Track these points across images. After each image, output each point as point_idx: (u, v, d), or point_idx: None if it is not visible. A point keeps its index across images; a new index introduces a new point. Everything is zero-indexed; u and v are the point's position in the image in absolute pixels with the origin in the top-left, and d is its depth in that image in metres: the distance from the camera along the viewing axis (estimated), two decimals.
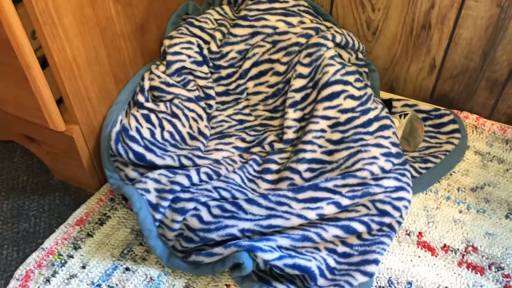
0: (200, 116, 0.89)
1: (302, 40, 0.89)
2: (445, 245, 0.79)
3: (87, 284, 0.75)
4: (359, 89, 0.85)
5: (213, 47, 0.93)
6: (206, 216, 0.74)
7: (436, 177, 0.88)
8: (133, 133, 0.83)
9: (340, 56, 0.91)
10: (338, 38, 0.89)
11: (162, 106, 0.88)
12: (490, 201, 0.85)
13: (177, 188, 0.77)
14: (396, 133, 0.85)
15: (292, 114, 0.87)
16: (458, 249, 0.78)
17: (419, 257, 0.78)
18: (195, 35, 0.94)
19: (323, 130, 0.84)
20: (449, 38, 0.91)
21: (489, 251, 0.78)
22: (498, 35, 0.86)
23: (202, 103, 0.91)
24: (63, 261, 0.78)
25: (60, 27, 0.69)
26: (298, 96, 0.87)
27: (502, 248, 0.78)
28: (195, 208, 0.75)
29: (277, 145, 0.86)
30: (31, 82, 0.71)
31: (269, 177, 0.83)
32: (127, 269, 0.77)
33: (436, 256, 0.78)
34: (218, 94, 0.95)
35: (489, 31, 0.87)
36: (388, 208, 0.76)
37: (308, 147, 0.83)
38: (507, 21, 0.84)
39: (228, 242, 0.72)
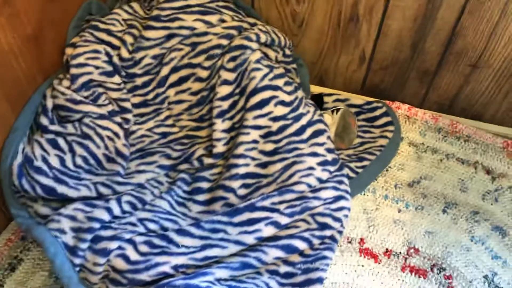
0: (116, 134, 0.80)
1: (224, 42, 0.81)
2: (387, 250, 0.77)
3: None
4: (289, 93, 0.79)
5: (124, 54, 0.83)
6: (133, 255, 0.66)
7: (373, 175, 0.85)
8: (39, 163, 0.72)
9: (266, 55, 0.84)
10: (263, 38, 0.81)
11: (70, 128, 0.77)
12: (427, 195, 0.84)
13: (96, 225, 0.68)
14: (330, 137, 0.81)
15: (221, 124, 0.80)
16: (400, 253, 0.77)
17: (363, 266, 0.75)
18: (102, 41, 0.83)
19: (255, 141, 0.77)
20: (378, 29, 0.87)
21: (430, 251, 0.77)
22: (426, 26, 0.83)
23: (117, 118, 0.81)
24: None
25: None
26: (225, 105, 0.80)
27: (442, 246, 0.77)
28: (119, 247, 0.67)
29: (207, 160, 0.79)
30: None
31: (200, 197, 0.76)
32: None
33: (379, 263, 0.76)
34: (135, 105, 0.84)
35: (418, 22, 0.83)
36: (328, 220, 0.72)
37: (240, 161, 0.76)
38: (435, 12, 0.81)
39: (160, 281, 0.65)
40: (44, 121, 0.76)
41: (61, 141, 0.76)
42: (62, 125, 0.77)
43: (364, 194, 0.84)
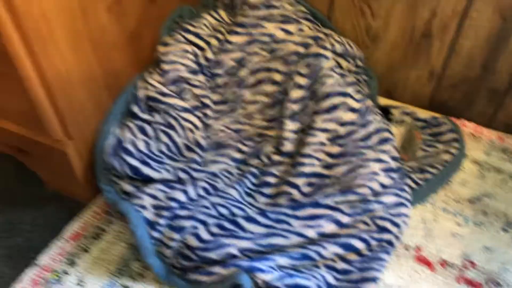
0: (196, 126, 0.88)
1: (301, 49, 0.87)
2: (443, 260, 0.79)
3: None
4: (358, 101, 0.83)
5: (209, 55, 0.91)
6: (205, 235, 0.73)
7: (434, 187, 0.87)
8: (128, 145, 0.81)
9: (339, 65, 0.89)
10: (338, 48, 0.87)
11: (157, 117, 0.86)
12: (488, 213, 0.85)
13: (175, 204, 0.75)
14: (395, 146, 0.84)
15: (290, 125, 0.86)
16: (456, 264, 0.79)
17: (418, 272, 0.78)
18: (190, 42, 0.91)
19: (322, 143, 0.82)
20: (450, 47, 0.89)
21: (486, 266, 0.78)
22: (499, 46, 0.85)
23: (198, 113, 0.89)
24: (58, 278, 0.77)
25: (51, 42, 0.67)
26: (296, 107, 0.86)
27: (500, 263, 0.78)
28: (193, 227, 0.74)
29: (275, 157, 0.85)
30: (30, 94, 0.69)
31: (267, 191, 0.82)
32: (125, 286, 0.76)
33: (434, 272, 0.78)
34: (215, 102, 0.92)
35: (490, 42, 0.85)
36: (387, 224, 0.76)
37: (307, 160, 0.82)
38: (509, 32, 0.83)
39: (227, 261, 0.71)
40: (135, 109, 0.85)
41: (148, 128, 0.85)
42: (150, 114, 0.86)
43: (423, 205, 0.86)
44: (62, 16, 0.67)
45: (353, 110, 0.82)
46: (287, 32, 0.90)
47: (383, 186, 0.78)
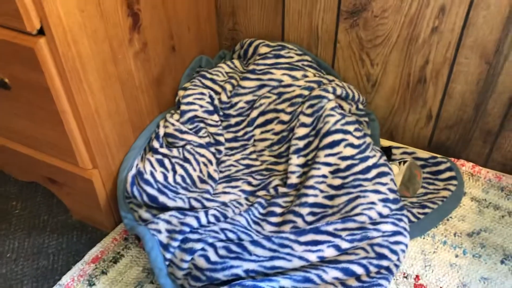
0: (210, 161, 0.96)
1: (305, 92, 0.96)
2: None
3: None
4: (358, 138, 0.91)
5: (224, 98, 1.01)
6: (213, 257, 0.79)
7: (434, 222, 0.92)
8: (148, 176, 0.90)
9: (341, 107, 0.98)
10: (339, 91, 0.96)
11: (175, 152, 0.95)
12: (486, 246, 0.89)
13: (187, 229, 0.82)
14: (394, 179, 0.90)
15: (296, 160, 0.93)
16: None
17: None
18: (207, 87, 1.02)
19: (324, 176, 0.89)
20: (443, 91, 0.97)
21: None
22: (488, 89, 0.93)
23: (212, 149, 0.98)
24: None
25: (85, 82, 0.77)
26: (301, 144, 0.94)
27: None
28: (202, 249, 0.80)
29: (281, 189, 0.92)
30: (65, 125, 0.79)
31: (273, 219, 0.89)
32: None
33: None
34: (227, 140, 1.01)
35: (480, 85, 0.93)
36: (385, 251, 0.80)
37: (310, 191, 0.88)
38: (496, 77, 0.90)
39: (233, 282, 0.77)
40: (155, 144, 0.94)
41: (166, 162, 0.93)
42: (169, 149, 0.95)
43: (423, 238, 0.90)
44: (95, 59, 0.78)
45: (353, 146, 0.90)
46: (293, 77, 1.00)
47: (381, 215, 0.83)
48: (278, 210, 0.90)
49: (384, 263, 0.80)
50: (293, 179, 0.92)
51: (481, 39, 0.88)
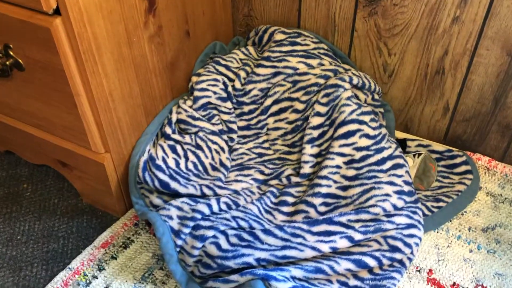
0: (222, 149, 0.95)
1: (321, 81, 0.95)
2: (454, 283, 0.81)
3: None
4: (374, 128, 0.89)
5: (237, 85, 1.00)
6: (224, 244, 0.78)
7: (448, 216, 0.90)
8: (160, 162, 0.89)
9: (356, 97, 0.96)
10: (355, 80, 0.94)
11: (187, 138, 0.94)
12: (501, 242, 0.87)
13: (198, 216, 0.81)
14: (409, 172, 0.89)
15: (309, 150, 0.92)
16: None
17: None
18: (221, 73, 1.01)
19: (338, 166, 0.88)
20: (462, 83, 0.95)
21: None
22: (509, 82, 0.90)
23: (225, 136, 0.97)
24: (88, 281, 0.82)
25: (100, 64, 0.76)
26: (315, 133, 0.92)
27: None
28: (214, 236, 0.79)
29: (294, 179, 0.91)
30: (79, 108, 0.79)
31: (285, 209, 0.88)
32: None
33: None
34: (240, 128, 1.00)
35: (500, 78, 0.91)
36: (399, 244, 0.79)
37: (323, 182, 0.87)
38: None
39: (244, 270, 0.76)
40: (168, 130, 0.93)
41: (178, 148, 0.92)
42: (181, 135, 0.94)
43: (437, 232, 0.89)
44: (110, 41, 0.77)
45: (368, 136, 0.88)
46: (309, 65, 0.98)
47: (395, 207, 0.82)
48: (290, 199, 0.89)
49: (397, 256, 0.79)
50: (306, 169, 0.91)
51: (504, 30, 0.86)
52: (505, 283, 0.81)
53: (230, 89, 0.99)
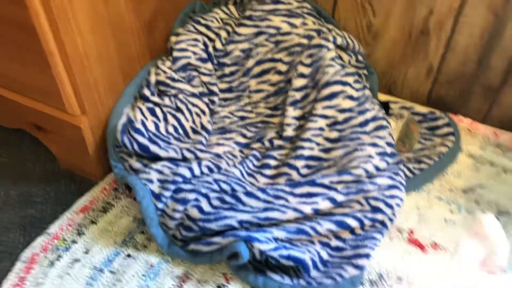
0: (203, 111, 0.93)
1: (304, 41, 0.92)
2: (435, 243, 0.82)
3: (90, 269, 0.78)
4: (357, 90, 0.88)
5: (218, 45, 0.97)
6: (206, 207, 0.77)
7: (429, 177, 0.91)
8: (139, 125, 0.87)
9: (340, 57, 0.94)
10: (339, 40, 0.92)
11: (167, 100, 0.91)
12: (481, 202, 0.88)
13: (179, 179, 0.80)
14: (391, 134, 0.88)
15: (292, 112, 0.90)
16: (447, 247, 0.81)
17: (410, 253, 0.81)
18: (201, 33, 0.98)
19: (321, 129, 0.87)
20: (446, 44, 0.94)
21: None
22: (492, 43, 0.90)
23: (206, 99, 0.95)
24: (67, 246, 0.81)
25: (73, 22, 0.73)
26: (298, 95, 0.91)
27: None
28: (196, 199, 0.78)
29: (277, 142, 0.90)
30: (52, 68, 0.75)
31: (267, 172, 0.87)
32: (129, 255, 0.80)
33: (426, 253, 0.81)
34: (222, 90, 0.98)
35: (484, 39, 0.90)
36: (381, 205, 0.79)
37: (306, 144, 0.86)
38: (502, 30, 0.87)
39: (226, 232, 0.75)
40: (146, 92, 0.91)
41: (158, 111, 0.90)
42: (160, 97, 0.91)
43: (418, 193, 0.90)
44: None
45: (351, 98, 0.87)
46: (292, 25, 0.95)
47: (377, 169, 0.82)
48: (272, 162, 0.88)
49: (379, 216, 0.79)
50: (289, 132, 0.89)
51: None
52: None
53: (210, 49, 0.96)
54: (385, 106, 1.01)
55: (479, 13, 0.88)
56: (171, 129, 0.89)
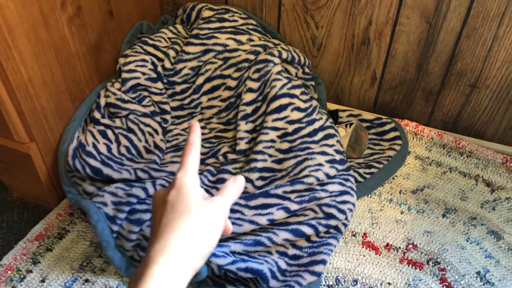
0: (155, 131, 0.93)
1: (251, 57, 0.95)
2: (388, 244, 0.85)
3: None
4: (304, 101, 0.91)
5: (167, 64, 0.98)
6: None
7: (380, 181, 0.94)
8: (90, 148, 0.86)
9: (287, 71, 0.97)
10: (284, 55, 0.95)
11: (118, 122, 0.91)
12: (429, 201, 0.92)
13: (134, 200, 0.80)
14: (340, 141, 0.91)
15: (244, 126, 0.92)
16: (399, 247, 0.85)
17: (364, 256, 0.83)
18: (149, 53, 0.98)
19: (272, 141, 0.89)
20: (387, 52, 0.98)
21: (427, 247, 0.84)
22: (429, 49, 0.94)
23: (158, 118, 0.95)
24: (22, 276, 0.79)
25: (14, 49, 0.72)
26: (249, 109, 0.92)
27: (439, 244, 0.85)
28: (151, 219, 0.78)
29: (231, 156, 0.91)
30: None
31: None
32: (87, 280, 0.79)
33: (379, 255, 0.84)
34: (173, 109, 0.99)
35: (421, 45, 0.95)
36: (333, 211, 0.82)
37: (259, 156, 0.88)
38: (436, 36, 0.92)
39: None
40: (97, 115, 0.90)
41: (109, 133, 0.90)
42: (111, 119, 0.91)
43: (370, 197, 0.93)
44: (24, 24, 0.73)
45: (299, 109, 0.90)
46: (238, 42, 0.98)
47: (328, 176, 0.84)
48: (228, 177, 0.89)
49: (333, 222, 0.81)
50: (242, 145, 0.91)
51: None
52: (433, 239, 0.85)
53: (159, 69, 0.97)
54: (334, 114, 1.05)
55: (414, 22, 0.92)
56: (123, 150, 0.89)
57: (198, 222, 0.44)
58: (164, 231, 0.44)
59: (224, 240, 0.79)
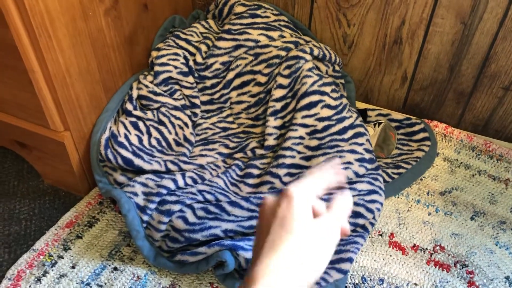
0: (185, 124, 0.94)
1: (282, 53, 0.95)
2: (414, 245, 0.85)
3: (77, 283, 0.78)
4: (335, 99, 0.91)
5: (199, 59, 0.99)
6: (191, 218, 0.79)
7: (408, 182, 0.93)
8: (122, 139, 0.88)
9: (317, 68, 0.97)
10: (316, 52, 0.95)
11: (149, 114, 0.92)
12: (457, 204, 0.91)
13: (164, 191, 0.81)
14: (369, 140, 0.91)
15: (273, 122, 0.92)
16: (426, 249, 0.84)
17: (391, 256, 0.83)
18: (181, 47, 0.99)
19: (301, 137, 0.89)
20: (419, 52, 0.97)
21: (455, 250, 0.84)
22: (463, 50, 0.93)
23: (188, 111, 0.96)
24: (53, 262, 0.81)
25: (54, 39, 0.74)
26: (278, 105, 0.93)
27: (467, 247, 0.84)
28: (180, 210, 0.79)
29: (259, 151, 0.92)
30: (34, 85, 0.76)
31: (250, 181, 0.88)
32: (115, 268, 0.80)
33: (406, 255, 0.83)
34: (203, 103, 1.00)
35: (454, 46, 0.94)
36: (361, 210, 0.81)
37: (287, 153, 0.88)
38: (471, 37, 0.91)
39: (211, 242, 0.76)
40: (129, 106, 0.92)
41: (141, 124, 0.91)
42: (143, 111, 0.92)
43: (397, 197, 0.92)
44: (64, 15, 0.74)
45: (330, 107, 0.90)
46: (270, 38, 0.98)
47: (357, 174, 0.84)
48: (255, 171, 0.89)
49: (360, 221, 0.81)
50: (270, 141, 0.91)
51: None
52: (461, 242, 0.85)
53: (191, 63, 0.98)
54: (362, 113, 1.04)
55: (448, 22, 0.91)
56: (154, 142, 0.91)
57: (303, 244, 0.43)
58: (269, 249, 0.43)
59: (251, 234, 0.79)
